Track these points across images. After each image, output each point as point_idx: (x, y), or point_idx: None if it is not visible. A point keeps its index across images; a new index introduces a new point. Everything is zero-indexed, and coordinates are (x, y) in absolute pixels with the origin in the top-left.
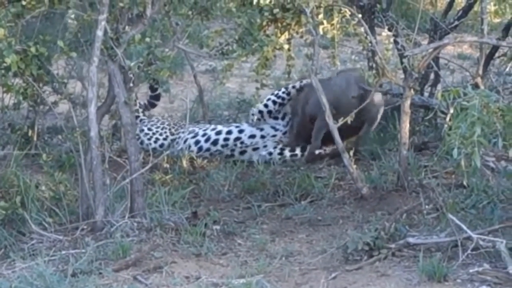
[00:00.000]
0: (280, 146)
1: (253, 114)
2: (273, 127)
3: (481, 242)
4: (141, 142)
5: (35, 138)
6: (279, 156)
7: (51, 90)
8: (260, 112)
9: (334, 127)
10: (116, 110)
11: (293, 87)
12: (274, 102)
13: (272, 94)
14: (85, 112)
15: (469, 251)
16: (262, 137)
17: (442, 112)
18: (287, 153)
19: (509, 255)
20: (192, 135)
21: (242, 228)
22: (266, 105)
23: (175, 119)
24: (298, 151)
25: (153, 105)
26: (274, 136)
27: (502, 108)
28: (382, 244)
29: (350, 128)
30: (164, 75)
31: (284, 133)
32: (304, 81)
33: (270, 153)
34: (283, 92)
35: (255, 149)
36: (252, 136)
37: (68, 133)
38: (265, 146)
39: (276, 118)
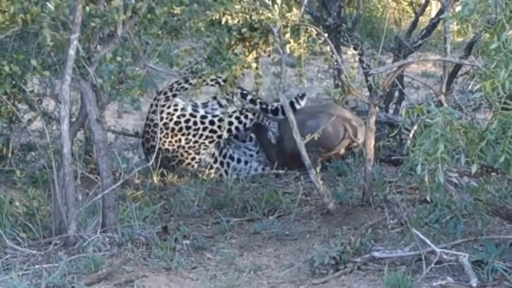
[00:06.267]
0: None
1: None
2: (246, 149)
3: (444, 256)
4: None
5: (9, 155)
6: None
7: (26, 107)
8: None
9: (301, 143)
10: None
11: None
12: (237, 128)
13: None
14: (59, 129)
15: (432, 265)
16: (246, 162)
17: (406, 129)
18: (258, 167)
19: (471, 268)
20: None
21: (211, 242)
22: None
23: None
24: (268, 167)
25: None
26: (251, 156)
27: (464, 125)
28: (348, 258)
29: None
30: (135, 93)
31: (257, 152)
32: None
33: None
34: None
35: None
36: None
37: (42, 150)
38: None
39: (244, 141)
